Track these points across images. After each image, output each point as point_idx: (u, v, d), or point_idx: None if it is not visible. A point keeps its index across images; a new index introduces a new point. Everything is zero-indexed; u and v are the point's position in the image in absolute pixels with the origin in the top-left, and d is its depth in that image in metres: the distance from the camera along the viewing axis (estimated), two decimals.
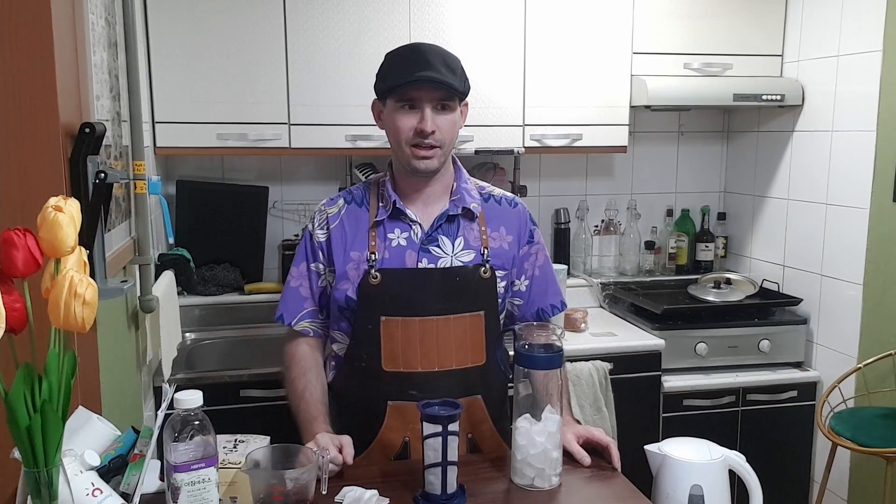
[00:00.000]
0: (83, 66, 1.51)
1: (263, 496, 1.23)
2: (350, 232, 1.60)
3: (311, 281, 1.64)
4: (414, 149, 1.52)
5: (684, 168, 3.35)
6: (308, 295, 1.65)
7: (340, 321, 1.63)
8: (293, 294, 1.65)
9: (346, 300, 1.58)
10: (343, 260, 1.59)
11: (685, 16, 2.85)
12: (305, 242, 1.65)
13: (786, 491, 2.85)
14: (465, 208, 1.62)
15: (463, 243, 1.61)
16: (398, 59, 1.55)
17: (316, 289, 1.64)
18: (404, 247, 1.58)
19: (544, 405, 1.42)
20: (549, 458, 1.41)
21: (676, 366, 2.73)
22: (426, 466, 1.34)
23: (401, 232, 1.59)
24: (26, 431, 0.98)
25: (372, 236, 1.58)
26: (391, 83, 1.51)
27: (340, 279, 1.58)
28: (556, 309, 1.75)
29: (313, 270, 1.64)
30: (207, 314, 2.80)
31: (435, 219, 1.60)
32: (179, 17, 2.46)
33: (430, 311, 1.56)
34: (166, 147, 2.52)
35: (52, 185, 1.36)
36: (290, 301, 1.66)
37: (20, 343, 0.99)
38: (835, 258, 2.75)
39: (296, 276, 1.65)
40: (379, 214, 1.59)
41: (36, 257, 0.99)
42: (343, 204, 1.64)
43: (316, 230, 1.63)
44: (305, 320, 1.66)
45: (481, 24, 2.68)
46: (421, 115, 1.51)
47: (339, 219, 1.62)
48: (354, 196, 1.65)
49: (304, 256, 1.65)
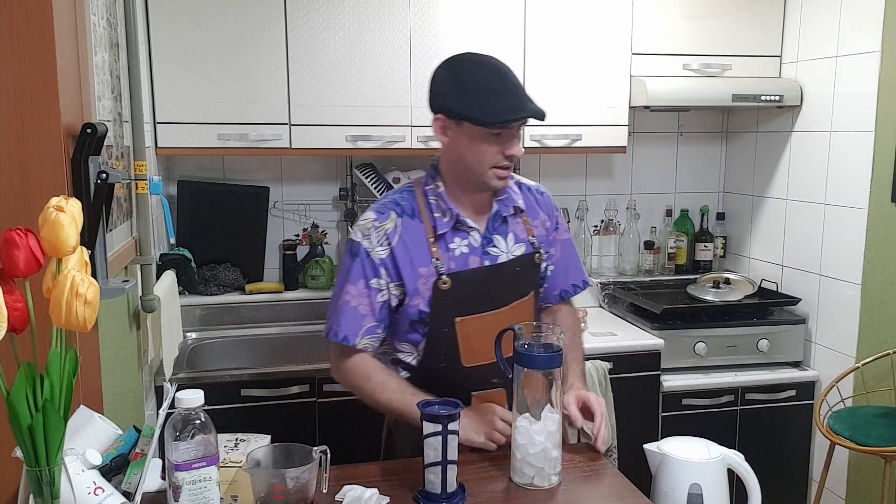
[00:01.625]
0: (85, 66, 1.52)
1: (264, 495, 1.23)
2: (412, 247, 1.60)
3: (371, 298, 1.60)
4: (496, 170, 1.57)
5: (683, 168, 3.35)
6: (368, 312, 1.60)
7: (410, 333, 1.64)
8: (352, 313, 1.60)
9: (420, 314, 1.61)
10: (413, 276, 1.59)
11: (684, 16, 2.86)
12: (362, 260, 1.59)
13: (784, 490, 2.85)
14: (514, 206, 1.69)
15: (514, 238, 1.68)
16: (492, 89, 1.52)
17: (376, 304, 1.60)
18: (467, 254, 1.62)
19: (544, 405, 1.42)
20: (548, 458, 1.42)
21: (676, 365, 2.74)
22: (426, 465, 1.35)
23: (461, 240, 1.63)
24: (28, 430, 0.99)
25: (434, 249, 1.60)
26: (493, 118, 1.51)
27: (413, 295, 1.59)
28: (577, 288, 1.84)
29: (374, 287, 1.60)
30: (208, 314, 2.81)
31: (489, 221, 1.65)
32: (180, 18, 2.47)
33: (498, 304, 1.64)
34: (167, 147, 2.53)
35: (53, 186, 1.37)
36: (350, 320, 1.60)
37: (22, 343, 1.00)
38: (833, 258, 2.76)
39: (354, 295, 1.59)
40: (440, 227, 1.61)
41: (37, 257, 0.99)
42: (396, 217, 1.61)
43: (375, 247, 1.59)
44: (366, 337, 1.62)
45: (481, 24, 2.68)
46: (511, 143, 1.55)
47: (397, 234, 1.60)
48: (404, 208, 1.62)
49: (362, 274, 1.59)
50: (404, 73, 2.64)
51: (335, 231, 3.03)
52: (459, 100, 1.53)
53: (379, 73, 2.62)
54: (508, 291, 1.66)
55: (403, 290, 1.60)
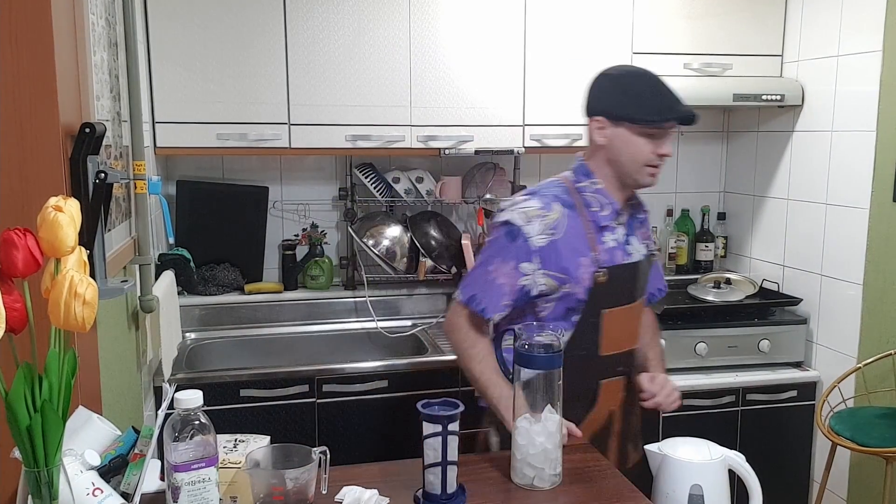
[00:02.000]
0: (83, 66, 1.51)
1: (263, 496, 1.23)
2: (575, 238, 1.69)
3: (516, 279, 1.68)
4: (649, 168, 1.69)
5: (684, 168, 3.35)
6: (509, 291, 1.69)
7: (560, 321, 1.72)
8: (497, 289, 1.69)
9: (577, 302, 1.70)
10: (575, 266, 1.68)
11: (685, 16, 2.85)
12: (520, 242, 1.67)
13: (785, 491, 2.85)
14: (645, 210, 1.85)
15: (638, 239, 1.81)
16: (649, 91, 1.67)
17: (517, 287, 1.68)
18: (614, 248, 1.73)
19: (544, 405, 1.42)
20: (548, 458, 1.42)
21: (676, 365, 2.73)
22: (426, 466, 1.34)
23: (610, 234, 1.74)
24: (27, 431, 0.98)
25: (591, 241, 1.70)
26: (650, 117, 1.65)
27: (574, 283, 1.68)
28: (661, 292, 1.97)
29: (522, 271, 1.68)
30: (207, 314, 2.80)
31: (628, 220, 1.78)
32: (179, 18, 2.46)
33: (632, 299, 1.78)
34: (166, 147, 2.52)
35: (52, 185, 1.36)
36: (494, 295, 1.69)
37: (20, 343, 1.00)
38: (834, 258, 2.75)
39: (504, 273, 1.68)
40: (600, 220, 1.72)
41: (36, 257, 0.99)
42: (561, 209, 1.69)
43: (536, 234, 1.66)
44: (500, 314, 1.71)
45: (481, 23, 2.68)
46: (662, 142, 1.68)
47: (562, 225, 1.68)
48: (564, 201, 1.71)
49: (515, 256, 1.67)
50: (404, 73, 2.64)
51: (335, 231, 3.03)
52: (619, 102, 1.68)
53: (378, 72, 2.62)
54: (639, 288, 1.81)
55: (553, 279, 1.68)
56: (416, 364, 2.50)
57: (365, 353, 2.76)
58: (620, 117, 1.67)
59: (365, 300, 2.89)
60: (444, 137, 2.70)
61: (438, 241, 2.88)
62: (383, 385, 2.45)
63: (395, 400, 2.46)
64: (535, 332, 1.48)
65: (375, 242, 2.83)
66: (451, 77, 2.68)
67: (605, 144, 1.70)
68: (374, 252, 2.81)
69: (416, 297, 3.01)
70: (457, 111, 2.70)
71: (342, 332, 2.87)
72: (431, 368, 2.50)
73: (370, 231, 2.85)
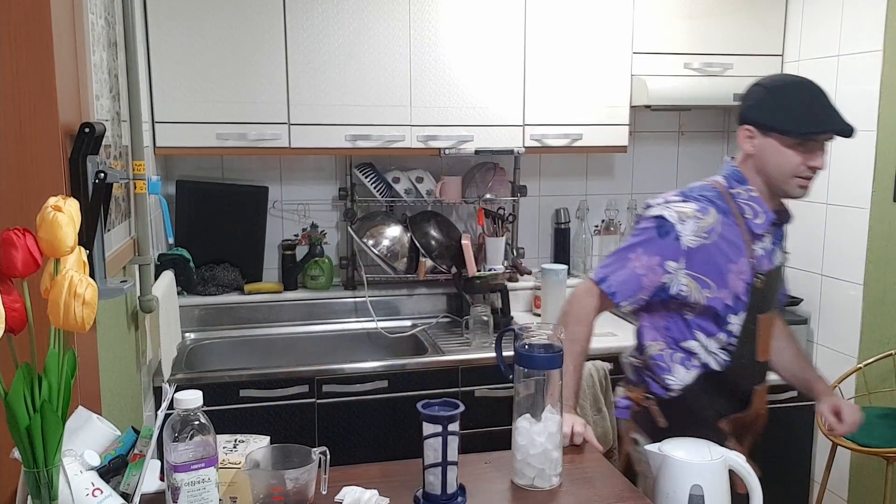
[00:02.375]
0: (83, 65, 1.51)
1: (263, 496, 1.23)
2: (728, 244, 1.70)
3: (657, 275, 1.69)
4: (799, 179, 1.69)
5: (685, 168, 3.35)
6: (648, 285, 1.70)
7: (709, 326, 1.73)
8: (634, 278, 1.70)
9: (725, 308, 1.71)
10: (723, 271, 1.69)
11: (686, 15, 2.85)
12: (669, 240, 1.68)
13: (786, 491, 2.84)
14: (789, 218, 1.84)
15: (779, 246, 1.84)
16: (801, 103, 1.67)
17: (656, 282, 1.69)
18: (762, 256, 1.75)
19: (544, 405, 1.42)
20: (549, 458, 1.41)
21: None
22: (426, 466, 1.34)
23: (760, 243, 1.75)
24: (26, 431, 0.98)
25: (748, 248, 1.71)
26: (797, 129, 1.65)
27: (720, 289, 1.69)
28: (785, 297, 1.97)
29: (666, 268, 1.68)
30: (207, 314, 2.80)
31: (774, 228, 1.79)
32: (179, 17, 2.46)
33: (776, 305, 1.83)
34: (166, 147, 2.52)
35: (51, 185, 1.36)
36: (629, 283, 1.70)
37: (20, 343, 0.99)
38: (835, 258, 2.75)
39: (645, 265, 1.69)
40: (755, 228, 1.73)
41: (35, 257, 0.99)
42: (717, 215, 1.70)
43: (688, 235, 1.68)
44: (631, 304, 1.73)
45: (481, 23, 2.68)
46: (814, 154, 1.68)
47: (716, 231, 1.69)
48: (720, 207, 1.72)
49: (661, 252, 1.68)
50: (404, 73, 2.63)
51: (334, 231, 3.02)
52: (769, 112, 1.68)
53: (378, 72, 2.61)
54: (781, 293, 1.87)
55: (695, 281, 1.69)
56: (416, 364, 2.50)
57: (365, 354, 2.76)
58: (769, 128, 1.67)
59: (365, 300, 2.89)
60: (444, 137, 2.70)
61: (438, 241, 2.88)
62: (383, 385, 2.45)
63: (395, 400, 2.46)
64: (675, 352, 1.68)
65: (375, 242, 2.83)
66: (451, 77, 2.68)
67: (753, 154, 1.71)
68: (374, 252, 2.81)
69: (416, 297, 3.00)
70: (457, 111, 2.70)
71: (342, 332, 2.87)
72: (431, 368, 2.50)
73: (370, 231, 2.85)
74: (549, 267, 2.78)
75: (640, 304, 1.73)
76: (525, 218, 3.17)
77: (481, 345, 2.62)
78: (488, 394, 2.52)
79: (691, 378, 1.75)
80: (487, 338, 2.64)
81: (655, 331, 1.78)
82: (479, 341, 2.63)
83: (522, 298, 3.08)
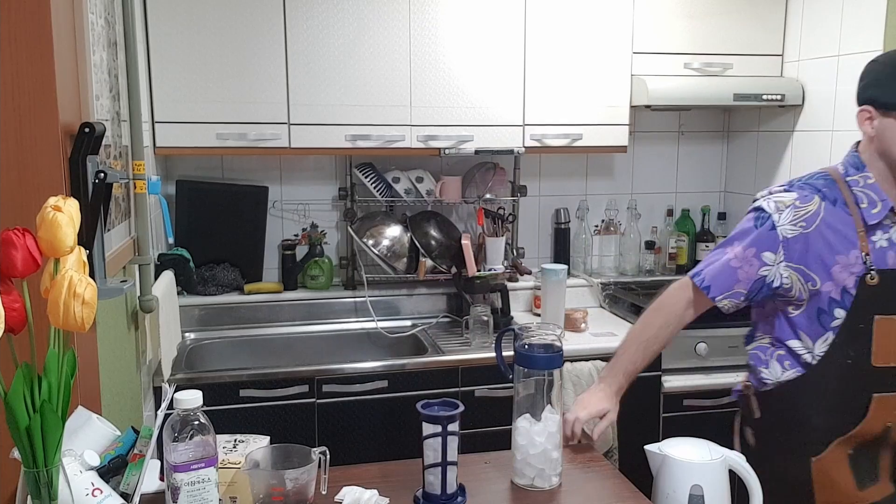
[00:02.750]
0: (83, 65, 1.51)
1: (263, 496, 1.23)
2: (833, 234, 1.59)
3: (753, 268, 1.62)
4: None
5: (684, 168, 3.35)
6: (744, 278, 1.63)
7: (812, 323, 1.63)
8: (728, 272, 1.64)
9: (830, 302, 1.60)
10: (825, 263, 1.59)
11: (686, 15, 2.85)
12: (765, 231, 1.61)
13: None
14: None
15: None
16: None
17: (754, 276, 1.62)
18: (886, 248, 1.60)
19: (544, 405, 1.42)
20: (549, 458, 1.41)
21: (676, 366, 2.73)
22: (426, 466, 1.34)
23: (882, 234, 1.61)
24: (26, 431, 0.98)
25: (863, 242, 1.59)
26: None
27: (824, 281, 1.59)
28: None
29: (762, 260, 1.61)
30: (207, 314, 2.80)
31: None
32: (179, 17, 2.46)
33: None
34: (166, 147, 2.52)
35: (51, 185, 1.36)
36: (722, 277, 1.65)
37: (19, 343, 0.99)
38: None
39: (739, 257, 1.63)
40: (869, 218, 1.59)
41: (35, 257, 0.99)
42: (819, 202, 1.60)
43: (785, 224, 1.60)
44: (727, 299, 1.67)
45: (481, 23, 2.68)
46: None
47: (818, 219, 1.59)
48: (826, 195, 1.61)
49: (755, 242, 1.61)
50: (404, 73, 2.63)
51: (334, 231, 3.02)
52: (888, 89, 1.55)
53: (379, 72, 2.61)
54: None
55: (797, 273, 1.60)
56: (416, 364, 2.50)
57: (365, 353, 2.76)
58: (888, 106, 1.55)
59: (365, 300, 2.89)
60: (444, 137, 2.70)
61: (438, 241, 2.88)
62: (383, 385, 2.45)
63: (395, 400, 2.46)
64: None
65: (375, 242, 2.82)
66: (451, 77, 2.68)
67: (873, 136, 1.59)
68: (374, 252, 2.81)
69: (416, 297, 3.00)
70: (457, 111, 2.70)
71: (342, 332, 2.87)
72: (431, 368, 2.50)
73: (370, 231, 2.85)
74: (549, 267, 2.78)
75: (740, 300, 1.66)
76: (525, 218, 3.17)
77: (481, 345, 2.62)
78: (488, 394, 2.52)
79: (787, 377, 1.67)
80: (487, 338, 2.64)
81: (764, 325, 1.74)
82: (479, 341, 2.63)
83: (522, 298, 3.08)
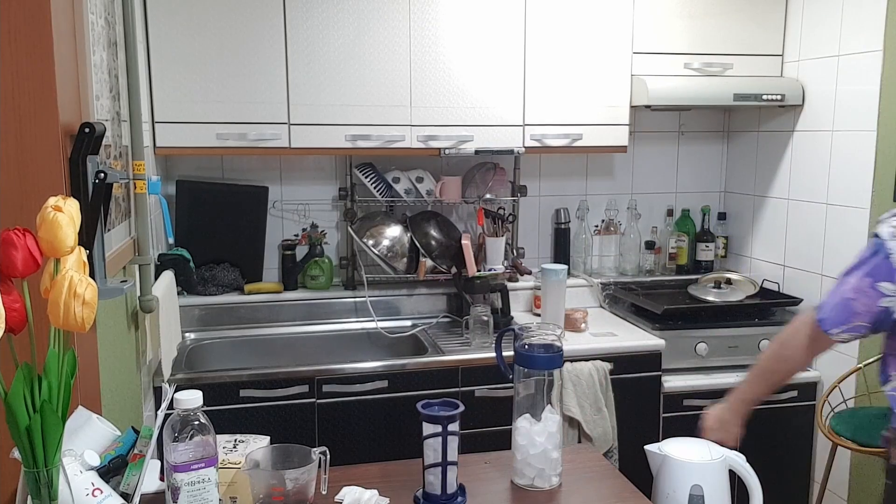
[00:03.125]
0: (83, 65, 1.51)
1: (263, 496, 1.23)
2: None
3: (871, 299, 1.52)
4: None
5: (684, 168, 3.35)
6: (862, 311, 1.53)
7: None
8: (845, 304, 1.55)
9: None
10: None
11: (686, 15, 2.85)
12: (880, 259, 1.51)
13: (786, 491, 2.84)
14: None
15: None
16: None
17: (875, 308, 1.52)
18: None
19: (544, 405, 1.42)
20: (549, 458, 1.41)
21: (677, 366, 2.73)
22: (426, 467, 1.34)
23: None
24: (26, 431, 0.98)
25: None
26: None
27: None
28: None
29: (880, 290, 1.50)
30: (207, 314, 2.80)
31: None
32: (179, 17, 2.46)
33: None
34: (166, 147, 2.52)
35: (51, 185, 1.36)
36: (838, 310, 1.56)
37: (20, 343, 0.99)
38: (835, 258, 2.75)
39: (854, 288, 1.54)
40: None
41: (35, 257, 0.99)
42: None
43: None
44: (846, 333, 1.57)
45: (481, 23, 2.68)
46: None
47: None
48: None
49: (873, 272, 1.51)
50: (404, 73, 2.63)
51: (335, 231, 3.02)
52: None
53: (379, 72, 2.61)
54: None
55: None
56: (416, 364, 2.50)
57: (365, 354, 2.76)
58: None
59: (365, 300, 2.89)
60: (444, 137, 2.70)
61: (438, 241, 2.88)
62: (383, 385, 2.45)
63: (395, 400, 2.46)
64: None
65: (375, 242, 2.82)
66: (452, 77, 2.68)
67: None
68: (374, 252, 2.81)
69: (416, 297, 3.00)
70: (457, 111, 2.70)
71: (342, 332, 2.87)
72: (431, 368, 2.50)
73: (370, 231, 2.85)
74: (549, 267, 2.78)
75: (861, 332, 1.55)
76: (525, 218, 3.17)
77: (481, 345, 2.62)
78: (488, 394, 2.52)
79: None
80: (487, 338, 2.64)
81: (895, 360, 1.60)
82: (479, 341, 2.63)
83: (522, 298, 3.08)
